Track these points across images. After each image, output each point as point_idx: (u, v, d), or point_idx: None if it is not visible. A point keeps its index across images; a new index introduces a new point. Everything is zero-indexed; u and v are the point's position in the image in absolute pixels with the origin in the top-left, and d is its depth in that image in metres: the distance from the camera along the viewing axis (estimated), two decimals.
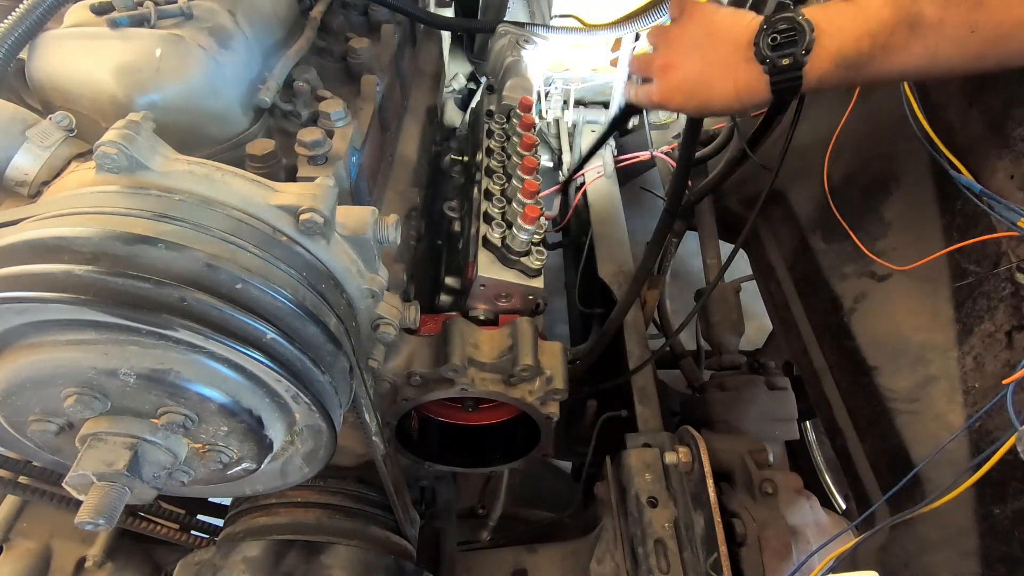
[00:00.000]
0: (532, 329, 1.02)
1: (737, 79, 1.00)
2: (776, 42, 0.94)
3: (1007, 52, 0.82)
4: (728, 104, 1.01)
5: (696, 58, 1.03)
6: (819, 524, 1.17)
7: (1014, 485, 0.89)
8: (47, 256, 0.62)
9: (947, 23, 0.82)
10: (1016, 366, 0.88)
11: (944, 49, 0.83)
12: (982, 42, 0.81)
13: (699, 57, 1.03)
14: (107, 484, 0.67)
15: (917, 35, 0.84)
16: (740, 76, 0.99)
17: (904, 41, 0.85)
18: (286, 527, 1.06)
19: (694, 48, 1.04)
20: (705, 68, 1.02)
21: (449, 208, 1.36)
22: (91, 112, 0.81)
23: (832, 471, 1.72)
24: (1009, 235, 0.94)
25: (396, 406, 1.03)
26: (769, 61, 0.94)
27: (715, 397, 1.52)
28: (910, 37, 0.85)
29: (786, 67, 0.93)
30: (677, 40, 1.06)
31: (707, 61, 1.02)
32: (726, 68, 1.01)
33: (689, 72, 1.04)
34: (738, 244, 1.49)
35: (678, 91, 1.05)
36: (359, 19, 1.25)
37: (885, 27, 0.86)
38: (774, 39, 0.94)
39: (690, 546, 1.14)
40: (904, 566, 1.06)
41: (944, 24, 0.82)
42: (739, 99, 1.00)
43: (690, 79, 1.04)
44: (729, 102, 1.01)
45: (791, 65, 0.93)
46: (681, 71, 1.04)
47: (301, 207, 0.73)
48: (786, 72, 0.94)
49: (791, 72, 0.93)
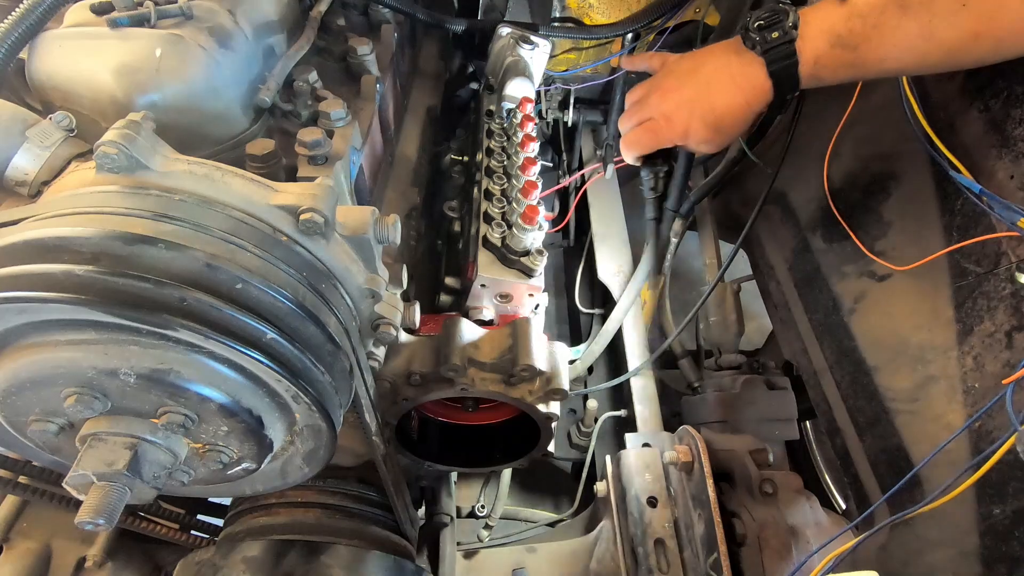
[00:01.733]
0: (532, 329, 1.02)
1: (734, 73, 1.02)
2: (762, 25, 0.97)
3: (1003, 28, 0.83)
4: (732, 102, 1.02)
5: (690, 79, 1.07)
6: (819, 524, 1.17)
7: (1014, 485, 0.89)
8: (47, 256, 0.62)
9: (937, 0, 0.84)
10: (1016, 366, 0.88)
11: (939, 26, 0.85)
12: (976, 17, 0.83)
13: (693, 77, 1.07)
14: (107, 484, 0.67)
15: (908, 14, 0.86)
16: (735, 69, 1.01)
17: (896, 20, 0.87)
18: (286, 527, 1.06)
19: (686, 75, 1.08)
20: (701, 79, 1.05)
21: (449, 208, 1.37)
22: (91, 112, 0.81)
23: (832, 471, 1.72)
24: (1009, 235, 0.94)
25: (396, 406, 1.03)
26: (759, 40, 0.97)
27: (715, 397, 1.52)
28: (902, 17, 0.87)
29: (776, 41, 0.95)
30: (665, 79, 1.11)
31: (701, 74, 1.06)
32: (720, 68, 1.04)
33: (687, 89, 1.07)
34: (738, 244, 1.50)
35: (680, 108, 1.07)
36: (359, 19, 1.25)
37: (874, 8, 0.89)
38: (759, 24, 0.97)
39: (690, 546, 1.14)
40: (904, 566, 1.06)
41: (934, 1, 0.85)
42: (740, 91, 1.01)
43: (689, 93, 1.06)
44: (733, 99, 1.02)
45: (781, 39, 0.95)
46: (679, 91, 1.07)
47: (301, 207, 0.73)
48: (778, 47, 0.95)
49: (783, 47, 0.95)
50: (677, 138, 1.10)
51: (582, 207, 1.94)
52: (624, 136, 1.17)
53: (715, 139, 1.08)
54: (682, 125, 1.08)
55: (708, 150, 1.12)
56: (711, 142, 1.09)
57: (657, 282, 1.69)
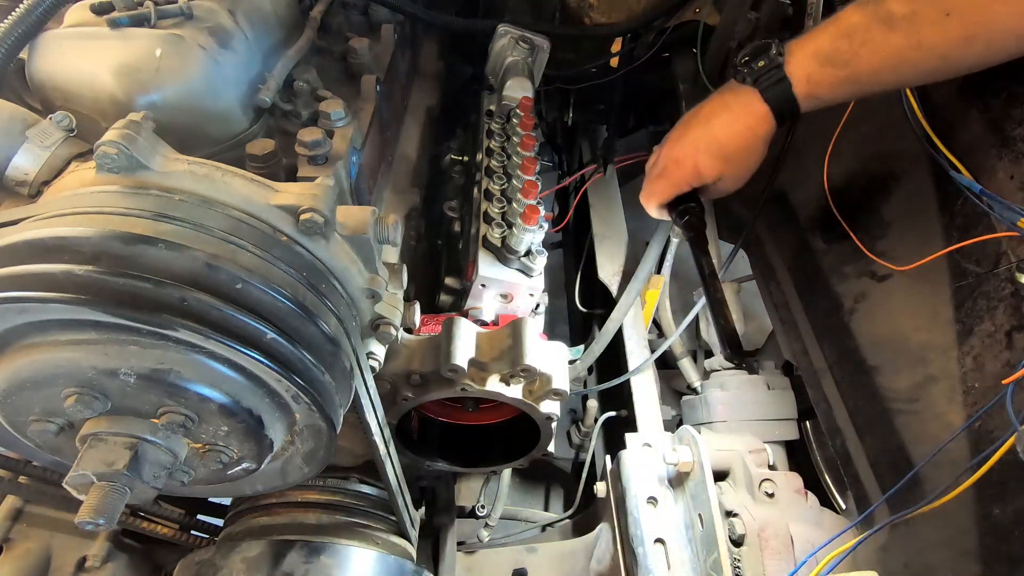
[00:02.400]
0: (532, 329, 1.02)
1: (730, 105, 1.07)
2: (747, 59, 1.03)
3: (992, 31, 0.84)
4: (732, 130, 1.06)
5: (691, 121, 1.12)
6: (819, 524, 1.17)
7: (1014, 485, 0.89)
8: (47, 256, 0.62)
9: (919, 13, 0.86)
10: (1016, 366, 0.88)
11: (927, 36, 0.87)
12: (962, 24, 0.84)
13: (694, 119, 1.12)
14: (107, 484, 0.67)
15: (894, 29, 0.89)
16: (731, 101, 1.06)
17: (883, 36, 0.90)
18: (286, 527, 1.06)
19: (687, 121, 1.13)
20: (701, 118, 1.10)
21: (449, 208, 1.37)
22: (91, 112, 0.81)
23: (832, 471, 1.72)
24: (1009, 235, 0.94)
25: (396, 406, 1.03)
26: (747, 72, 1.02)
27: (715, 397, 1.51)
28: (888, 32, 0.89)
29: (764, 68, 1.00)
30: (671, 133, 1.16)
31: (700, 115, 1.11)
32: (717, 106, 1.09)
33: (689, 131, 1.11)
34: (738, 244, 1.50)
35: (685, 148, 1.11)
36: (359, 19, 1.25)
37: (858, 28, 0.92)
38: (745, 59, 1.03)
39: (690, 546, 1.14)
40: (904, 566, 1.06)
41: (917, 14, 0.86)
42: (739, 119, 1.05)
43: (692, 133, 1.11)
44: (732, 127, 1.06)
45: (768, 65, 1.00)
46: (683, 135, 1.12)
47: (301, 207, 0.73)
48: (767, 73, 1.00)
49: (772, 72, 1.00)
50: (690, 176, 1.11)
51: (582, 207, 1.94)
52: (642, 191, 1.19)
53: (726, 169, 1.09)
54: (690, 161, 1.10)
55: (728, 186, 1.13)
56: (725, 174, 1.10)
57: (657, 282, 1.69)
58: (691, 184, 1.13)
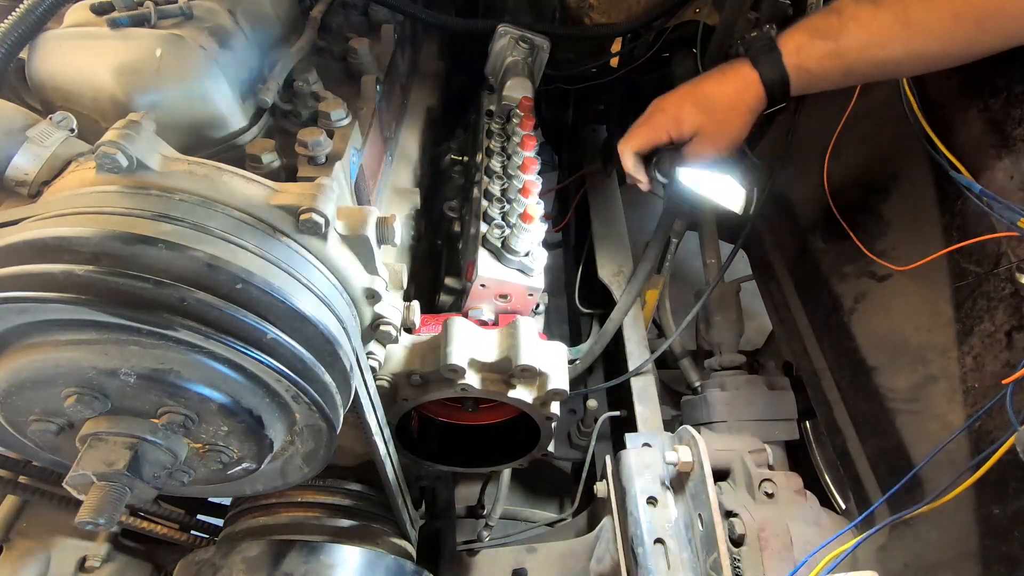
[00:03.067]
0: (532, 329, 1.02)
1: (723, 71, 1.10)
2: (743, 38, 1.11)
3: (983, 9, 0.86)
4: (721, 89, 1.09)
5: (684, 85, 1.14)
6: (819, 524, 1.17)
7: (1014, 485, 0.89)
8: (47, 256, 0.62)
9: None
10: (1016, 366, 0.88)
11: (914, 12, 0.90)
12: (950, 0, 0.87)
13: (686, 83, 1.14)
14: (107, 484, 0.67)
15: (881, 6, 0.93)
16: (724, 68, 1.09)
17: (870, 12, 0.94)
18: (286, 527, 1.06)
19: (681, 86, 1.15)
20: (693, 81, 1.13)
21: (449, 208, 1.37)
22: (91, 112, 0.81)
23: (832, 471, 1.72)
24: (1009, 235, 0.94)
25: (396, 406, 1.03)
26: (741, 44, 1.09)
27: (715, 397, 1.51)
28: (876, 9, 0.93)
29: (756, 38, 1.06)
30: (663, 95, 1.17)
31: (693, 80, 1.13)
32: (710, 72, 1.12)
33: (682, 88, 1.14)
34: (738, 244, 1.50)
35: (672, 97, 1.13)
36: (359, 19, 1.25)
37: (848, 4, 0.96)
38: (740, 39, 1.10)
39: (690, 546, 1.14)
40: (904, 566, 1.06)
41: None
42: (729, 81, 1.08)
43: (683, 89, 1.13)
44: (722, 87, 1.09)
45: (760, 36, 1.05)
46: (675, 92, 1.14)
47: (301, 207, 0.74)
48: (759, 44, 1.04)
49: (764, 43, 1.03)
50: (669, 124, 1.12)
51: (582, 207, 1.94)
52: (622, 139, 1.18)
53: (706, 124, 1.09)
54: (673, 109, 1.12)
55: (705, 147, 1.11)
56: (704, 128, 1.09)
57: (657, 282, 1.69)
58: (669, 133, 1.13)
